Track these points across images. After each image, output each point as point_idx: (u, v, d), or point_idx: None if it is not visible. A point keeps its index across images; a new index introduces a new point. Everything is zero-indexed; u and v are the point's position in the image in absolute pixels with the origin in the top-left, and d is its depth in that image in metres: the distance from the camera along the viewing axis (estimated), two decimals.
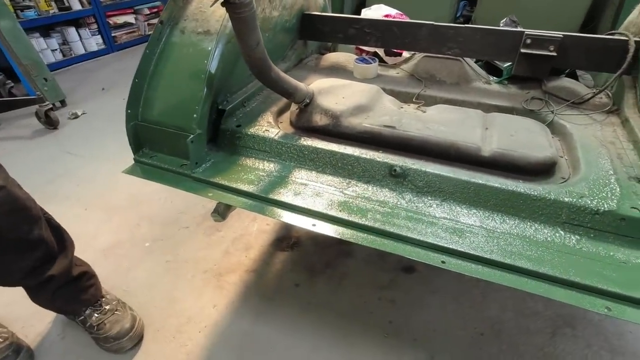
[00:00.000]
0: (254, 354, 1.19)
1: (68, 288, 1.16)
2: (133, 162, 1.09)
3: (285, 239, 1.60)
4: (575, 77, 1.50)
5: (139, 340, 1.23)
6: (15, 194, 0.99)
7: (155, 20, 4.32)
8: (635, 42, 1.14)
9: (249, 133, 1.10)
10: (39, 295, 1.15)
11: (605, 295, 0.70)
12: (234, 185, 0.99)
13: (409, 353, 1.18)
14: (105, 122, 2.62)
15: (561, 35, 1.21)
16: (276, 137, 1.08)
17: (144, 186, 1.03)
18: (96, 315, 1.20)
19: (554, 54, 1.23)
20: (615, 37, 1.21)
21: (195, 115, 1.00)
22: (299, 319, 1.29)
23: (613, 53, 1.18)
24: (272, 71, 0.98)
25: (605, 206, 0.82)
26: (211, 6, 0.79)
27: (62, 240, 1.16)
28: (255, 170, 1.05)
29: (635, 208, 0.81)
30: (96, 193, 1.86)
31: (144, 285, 1.41)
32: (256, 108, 1.23)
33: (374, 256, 1.50)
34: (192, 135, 0.99)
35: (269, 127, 1.12)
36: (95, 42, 3.95)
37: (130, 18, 4.22)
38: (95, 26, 3.93)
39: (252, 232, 1.64)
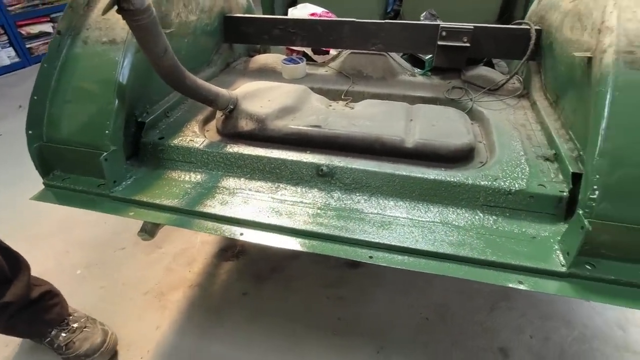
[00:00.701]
0: None
1: (28, 311, 1.09)
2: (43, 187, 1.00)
3: (230, 248, 1.55)
4: (492, 65, 1.59)
5: (112, 355, 1.18)
6: None
7: None
8: (536, 30, 1.23)
9: (172, 145, 1.05)
10: None
11: (518, 270, 0.75)
12: (157, 201, 0.94)
13: (358, 348, 1.20)
14: (24, 143, 2.39)
15: (472, 27, 1.28)
16: (201, 147, 1.04)
17: (72, 209, 0.96)
18: (64, 334, 1.14)
19: (468, 44, 1.29)
20: (521, 26, 1.30)
21: (107, 131, 0.94)
22: (248, 328, 1.26)
23: (519, 41, 1.27)
24: (187, 79, 0.94)
25: (517, 186, 0.87)
26: (103, 14, 0.73)
27: (15, 262, 1.08)
28: (181, 183, 1.00)
29: (541, 185, 0.87)
30: (16, 222, 1.69)
31: None
32: (180, 118, 1.18)
33: (319, 255, 1.50)
34: (105, 153, 0.92)
35: (194, 137, 1.08)
36: (6, 55, 3.60)
37: (46, 27, 3.88)
38: (5, 37, 3.57)
39: (196, 244, 1.58)
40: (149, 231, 1.02)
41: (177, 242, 1.59)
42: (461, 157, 1.00)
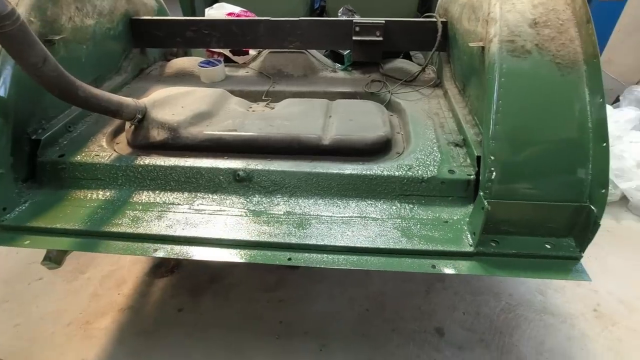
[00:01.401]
0: None
1: None
2: None
3: (164, 263, 1.47)
4: (409, 58, 1.65)
5: None
6: None
7: None
8: (442, 22, 1.29)
9: (74, 161, 0.96)
10: None
11: (432, 254, 0.78)
12: (59, 225, 0.86)
13: (300, 347, 1.19)
14: None
15: (383, 21, 1.31)
16: (108, 161, 0.96)
17: None
18: None
19: (381, 38, 1.32)
20: (429, 19, 1.36)
21: None
22: (187, 345, 1.20)
23: (428, 34, 1.32)
24: (79, 89, 0.86)
25: (429, 173, 0.90)
26: None
27: None
28: (87, 203, 0.92)
29: (451, 170, 0.91)
30: None
31: None
32: (85, 131, 1.08)
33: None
34: None
35: (101, 152, 1.00)
36: None
37: None
38: None
39: (125, 265, 1.48)
40: (54, 259, 0.93)
41: (103, 265, 1.48)
42: (378, 149, 1.02)
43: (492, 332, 1.24)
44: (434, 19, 1.32)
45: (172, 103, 1.10)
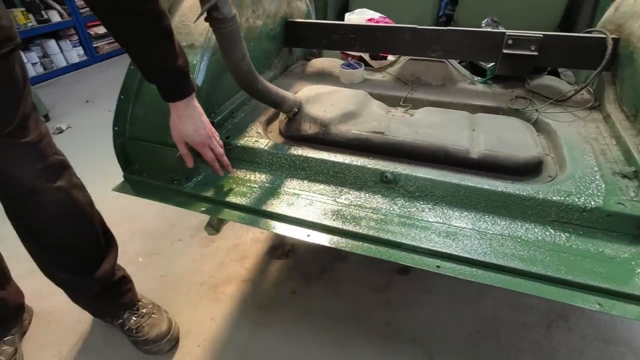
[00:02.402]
0: None
1: (109, 292, 1.19)
2: (122, 179, 1.08)
3: (280, 246, 1.60)
4: (557, 74, 1.53)
5: (176, 342, 1.25)
6: (75, 197, 1.04)
7: None
8: (613, 39, 1.17)
9: (239, 145, 1.10)
10: (80, 296, 1.18)
11: (596, 291, 0.72)
12: (226, 198, 0.99)
13: (408, 355, 1.20)
14: (91, 136, 2.59)
15: (541, 35, 1.24)
16: (266, 148, 1.08)
17: (134, 200, 1.04)
18: (134, 318, 1.23)
19: (535, 53, 1.25)
20: (594, 34, 1.25)
21: None
22: (297, 326, 1.29)
23: (592, 51, 1.21)
24: (259, 83, 0.98)
25: (592, 203, 0.84)
26: (195, 22, 0.78)
27: (110, 244, 1.19)
28: (247, 182, 1.04)
29: (620, 204, 0.83)
30: None
31: None
32: (245, 119, 1.23)
33: (369, 260, 1.50)
34: (180, 152, 0.98)
35: (259, 138, 1.12)
36: (76, 54, 3.89)
37: None
38: (76, 37, 3.87)
39: (247, 241, 1.63)
40: (215, 226, 1.08)
41: (229, 237, 1.65)
42: (529, 170, 0.97)
43: None
44: (601, 35, 1.20)
45: (322, 100, 1.19)
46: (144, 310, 1.24)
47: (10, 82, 0.86)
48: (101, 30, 4.06)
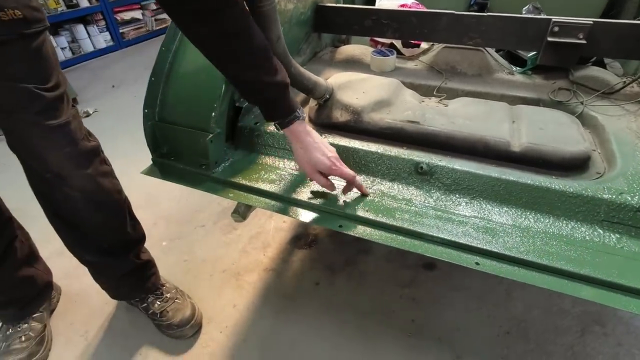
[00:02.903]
0: (276, 354, 1.18)
1: (134, 276, 1.20)
2: (151, 162, 1.07)
3: (303, 236, 1.58)
4: (603, 65, 1.44)
5: (198, 328, 1.26)
6: (102, 185, 1.04)
7: (163, 16, 4.29)
8: None
9: (267, 131, 1.07)
10: (104, 277, 1.20)
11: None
12: (254, 185, 0.97)
13: (434, 353, 1.16)
14: (117, 120, 2.62)
15: (591, 22, 1.15)
16: None
17: (159, 184, 1.05)
18: (158, 302, 1.24)
19: (584, 41, 1.17)
20: None
21: (214, 114, 0.98)
22: (320, 318, 1.28)
23: None
24: (292, 67, 0.95)
25: None
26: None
27: (135, 229, 1.20)
28: (276, 169, 1.02)
29: None
30: None
31: None
32: None
33: (394, 253, 1.47)
34: (211, 135, 0.97)
35: None
36: (103, 39, 3.94)
37: (137, 14, 4.20)
38: (103, 23, 3.91)
39: (269, 229, 1.62)
40: (242, 213, 1.06)
41: (251, 225, 1.65)
42: (576, 165, 0.91)
43: None
44: None
45: (353, 87, 1.15)
46: (167, 295, 1.25)
47: (39, 61, 0.86)
48: (127, 16, 4.10)
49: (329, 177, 0.88)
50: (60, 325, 1.30)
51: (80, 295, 1.39)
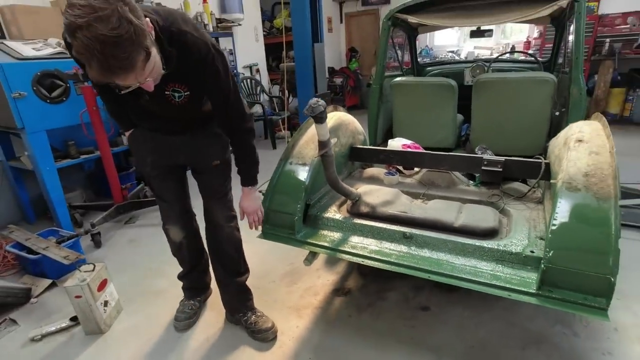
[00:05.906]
0: (322, 355, 1.89)
1: (243, 293, 2.05)
2: (261, 232, 1.98)
3: (341, 289, 2.35)
4: (525, 182, 2.32)
5: (275, 336, 2.00)
6: (235, 234, 1.98)
7: None
8: (545, 163, 1.98)
9: (324, 216, 1.99)
10: (228, 294, 2.05)
11: (509, 290, 1.43)
12: (317, 242, 1.84)
13: (427, 357, 1.83)
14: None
15: (503, 159, 2.08)
16: (340, 219, 1.95)
17: (248, 249, 1.99)
18: (253, 317, 2.03)
19: (501, 169, 2.08)
20: (536, 160, 2.06)
21: (298, 207, 1.91)
22: (353, 337, 1.98)
23: (535, 168, 2.02)
24: (339, 183, 1.90)
25: (517, 250, 1.58)
26: (315, 157, 1.75)
27: (245, 264, 2.09)
28: (329, 236, 1.90)
29: (532, 251, 1.56)
30: None
31: None
32: (326, 202, 2.14)
33: (400, 301, 2.21)
34: (296, 217, 1.89)
35: (335, 214, 2.01)
36: None
37: None
38: None
39: (318, 284, 2.41)
40: (310, 260, 1.91)
41: (306, 281, 2.45)
42: (488, 234, 1.74)
43: None
44: (539, 160, 2.02)
45: (372, 194, 2.08)
46: (258, 313, 2.04)
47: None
48: None
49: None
50: (205, 311, 2.12)
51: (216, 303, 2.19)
